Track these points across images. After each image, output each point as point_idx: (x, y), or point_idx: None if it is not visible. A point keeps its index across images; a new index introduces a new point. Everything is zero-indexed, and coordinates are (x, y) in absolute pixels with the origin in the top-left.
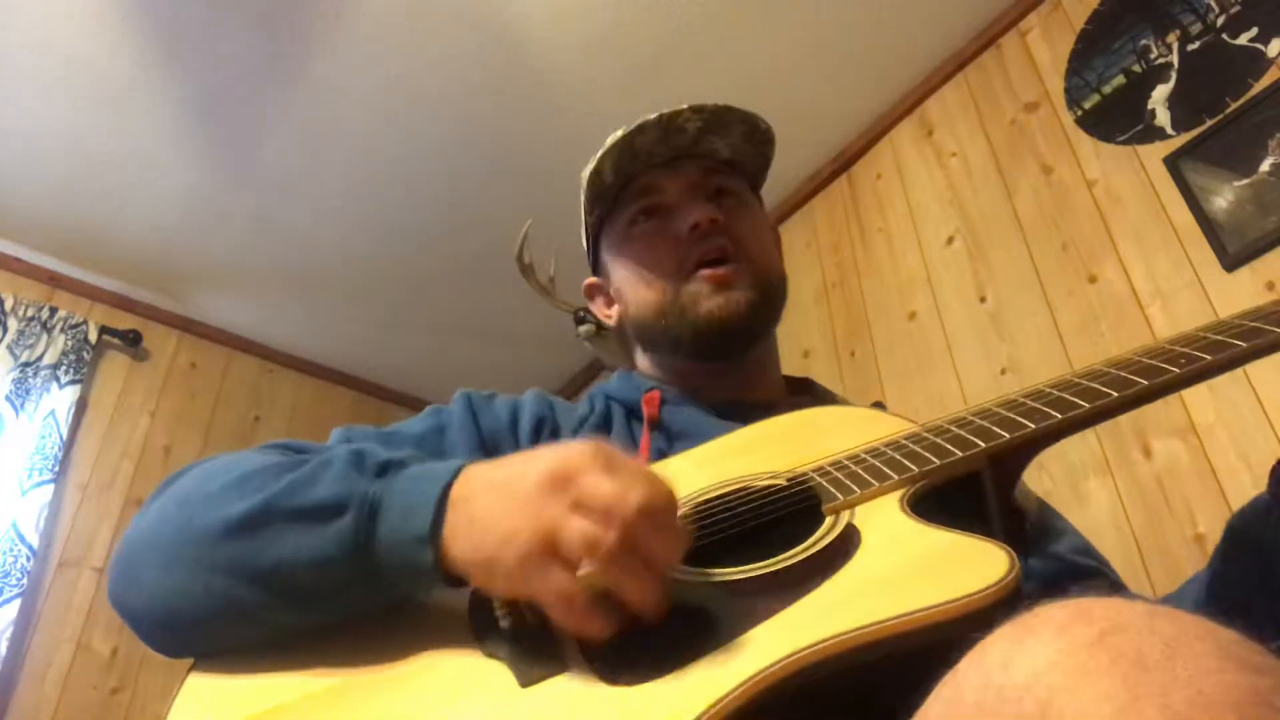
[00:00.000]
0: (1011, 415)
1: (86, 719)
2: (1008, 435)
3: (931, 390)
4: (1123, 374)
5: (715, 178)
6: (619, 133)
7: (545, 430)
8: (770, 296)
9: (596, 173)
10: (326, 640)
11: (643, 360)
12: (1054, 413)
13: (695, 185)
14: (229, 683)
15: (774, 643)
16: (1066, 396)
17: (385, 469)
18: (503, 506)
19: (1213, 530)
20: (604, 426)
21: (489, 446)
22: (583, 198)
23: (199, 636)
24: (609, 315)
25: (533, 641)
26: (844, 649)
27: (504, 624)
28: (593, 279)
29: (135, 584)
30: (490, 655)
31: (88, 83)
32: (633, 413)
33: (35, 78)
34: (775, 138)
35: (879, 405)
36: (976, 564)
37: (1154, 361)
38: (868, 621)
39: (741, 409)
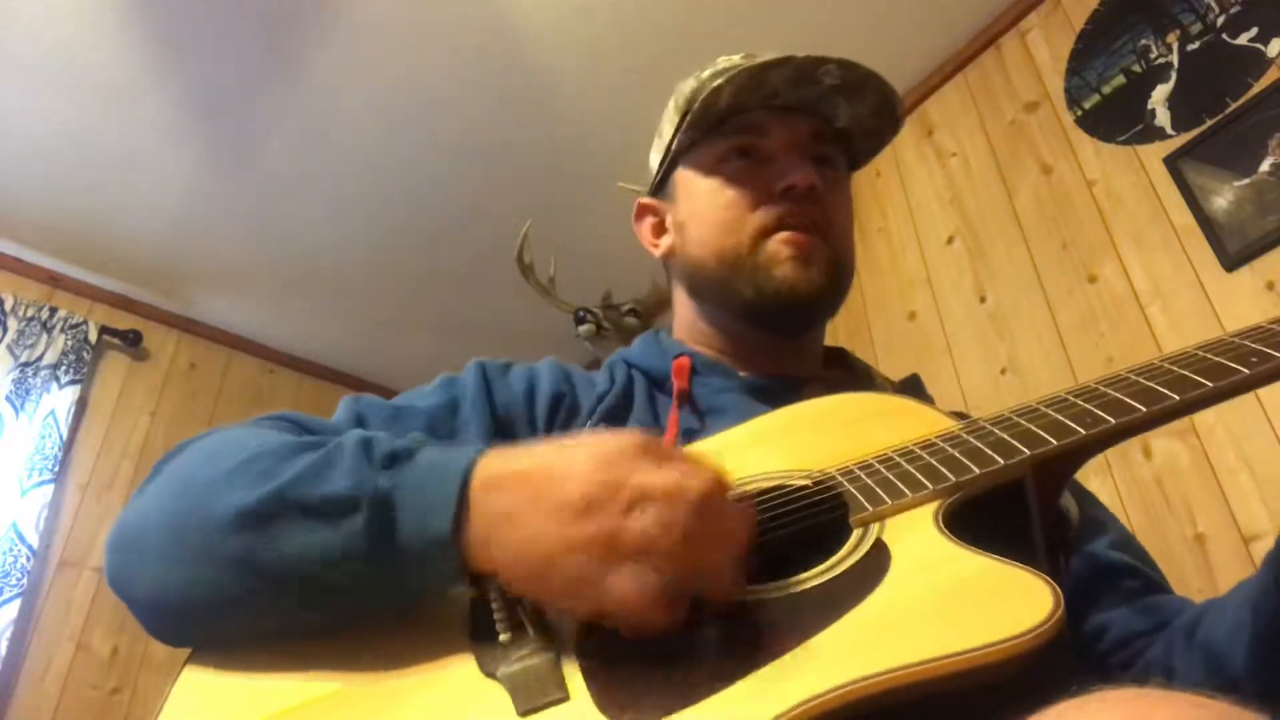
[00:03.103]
0: (1060, 418)
1: (86, 719)
2: (1055, 441)
3: (931, 390)
4: (1185, 373)
5: (822, 144)
6: (750, 60)
7: (563, 409)
8: (841, 284)
9: (716, 91)
10: (325, 643)
11: (682, 305)
12: (1108, 417)
13: (801, 144)
14: (224, 683)
15: (791, 687)
16: (1122, 398)
17: (393, 459)
18: (548, 514)
19: (1213, 530)
20: (624, 403)
21: (503, 424)
22: (677, 109)
23: (201, 627)
24: (655, 244)
25: (534, 663)
26: (869, 694)
27: (503, 638)
28: (647, 199)
29: (136, 571)
30: (489, 675)
31: (89, 83)
32: (657, 385)
33: (36, 78)
34: (903, 124)
35: (915, 377)
36: (1019, 601)
37: (1221, 359)
38: (897, 665)
39: (776, 385)
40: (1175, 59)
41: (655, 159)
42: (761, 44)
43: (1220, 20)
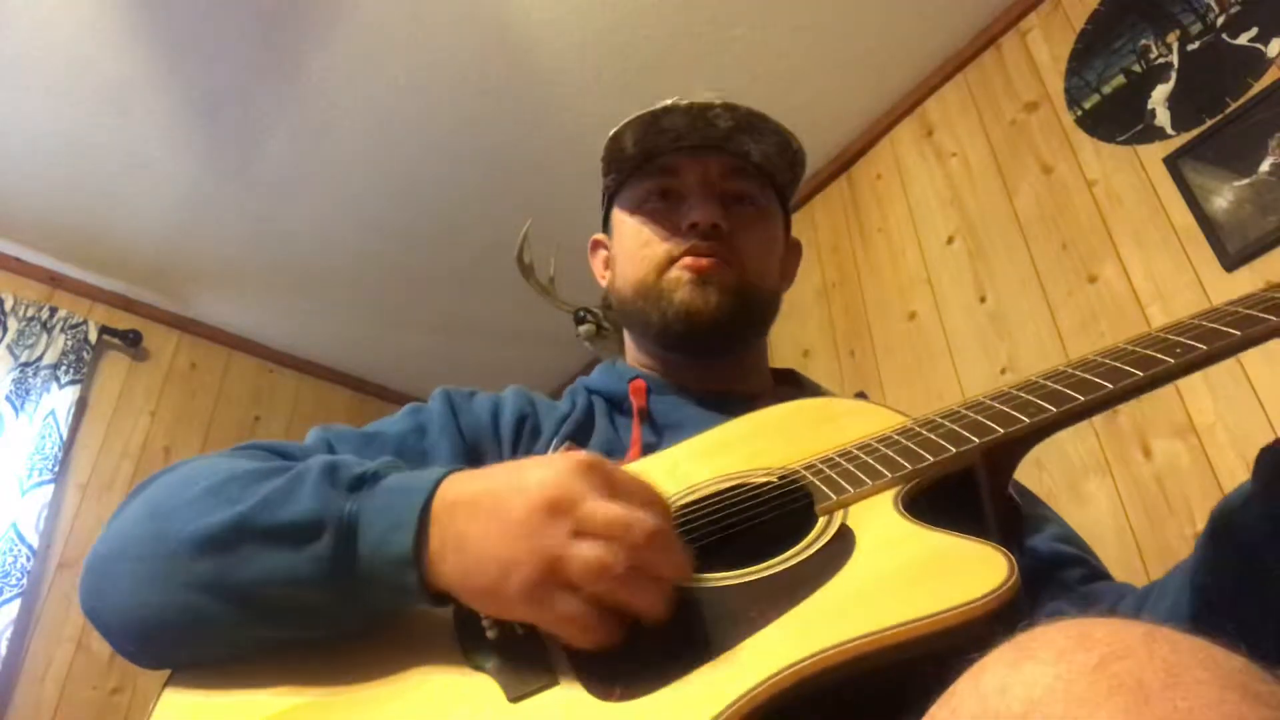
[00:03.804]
0: (1005, 409)
1: (86, 719)
2: (1001, 430)
3: (931, 390)
4: (1118, 365)
5: (738, 180)
6: (645, 110)
7: (526, 428)
8: (750, 306)
9: (616, 139)
10: (308, 653)
11: (627, 335)
12: (1048, 406)
13: (713, 182)
14: (208, 699)
15: (769, 656)
16: (1061, 389)
17: (360, 483)
18: (496, 531)
19: None
20: (586, 424)
21: (470, 446)
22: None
23: (173, 651)
24: (604, 276)
25: (521, 653)
26: (841, 660)
27: (490, 634)
28: (599, 235)
29: (107, 595)
30: (477, 668)
31: (89, 83)
32: (616, 406)
33: (36, 78)
34: (806, 160)
35: (862, 395)
36: (976, 569)
37: (1149, 351)
38: (865, 631)
39: (727, 400)
40: (1175, 59)
41: (601, 198)
42: (761, 44)
43: (1220, 20)
